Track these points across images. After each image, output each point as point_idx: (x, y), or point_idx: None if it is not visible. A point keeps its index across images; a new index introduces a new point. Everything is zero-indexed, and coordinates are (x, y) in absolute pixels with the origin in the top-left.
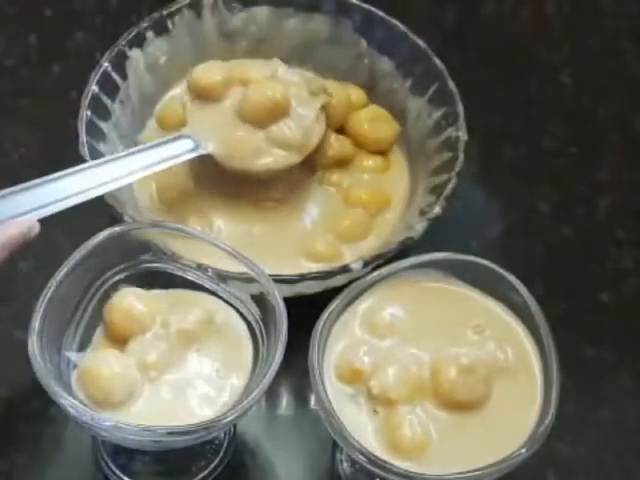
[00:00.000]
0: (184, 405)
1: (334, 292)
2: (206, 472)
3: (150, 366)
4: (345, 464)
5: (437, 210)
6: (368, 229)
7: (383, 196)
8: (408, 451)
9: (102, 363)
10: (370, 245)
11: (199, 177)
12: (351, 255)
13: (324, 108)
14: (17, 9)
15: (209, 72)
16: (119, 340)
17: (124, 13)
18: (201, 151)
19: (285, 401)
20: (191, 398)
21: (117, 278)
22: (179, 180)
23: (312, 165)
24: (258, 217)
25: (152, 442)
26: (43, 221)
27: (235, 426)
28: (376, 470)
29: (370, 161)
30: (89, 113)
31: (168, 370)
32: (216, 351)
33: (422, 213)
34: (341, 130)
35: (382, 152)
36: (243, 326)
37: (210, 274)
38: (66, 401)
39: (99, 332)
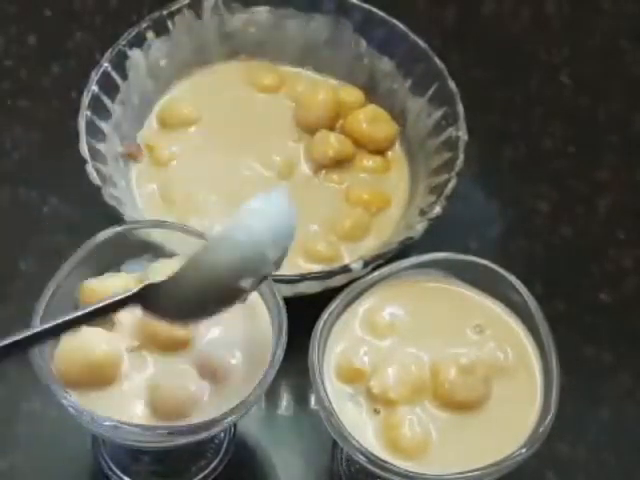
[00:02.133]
0: None
1: (334, 292)
2: (206, 472)
3: None
4: (345, 464)
5: (437, 210)
6: (368, 229)
7: (383, 196)
8: (408, 451)
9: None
10: (370, 245)
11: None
12: (351, 255)
13: None
14: (17, 9)
15: None
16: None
17: (124, 13)
18: None
19: (285, 401)
20: None
21: None
22: (179, 180)
23: (312, 165)
24: None
25: (152, 442)
26: (43, 221)
27: (235, 426)
28: (376, 470)
29: (370, 161)
30: (89, 113)
31: None
32: None
33: (422, 213)
34: (341, 130)
35: (382, 152)
36: None
37: None
38: (66, 401)
39: None
